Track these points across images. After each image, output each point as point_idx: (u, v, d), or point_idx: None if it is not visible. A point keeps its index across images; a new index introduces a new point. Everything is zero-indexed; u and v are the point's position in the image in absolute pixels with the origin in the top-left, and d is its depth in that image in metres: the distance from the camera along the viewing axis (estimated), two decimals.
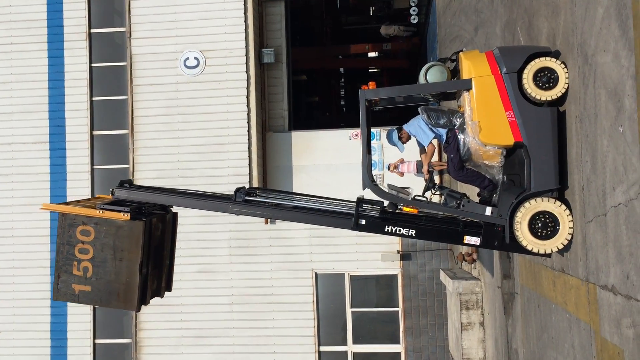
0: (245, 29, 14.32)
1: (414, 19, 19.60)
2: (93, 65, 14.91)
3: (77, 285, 6.87)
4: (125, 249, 6.77)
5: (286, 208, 7.04)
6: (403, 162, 13.27)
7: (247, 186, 7.33)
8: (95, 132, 14.90)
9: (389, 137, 7.55)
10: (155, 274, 7.23)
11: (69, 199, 14.78)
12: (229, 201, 7.11)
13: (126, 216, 6.73)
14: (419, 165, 13.30)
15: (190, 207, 7.43)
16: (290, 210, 7.02)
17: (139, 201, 7.07)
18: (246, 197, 7.02)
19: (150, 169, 14.60)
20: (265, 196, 7.20)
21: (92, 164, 14.83)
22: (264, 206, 7.07)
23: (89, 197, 7.58)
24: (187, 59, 14.53)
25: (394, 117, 17.44)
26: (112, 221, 6.76)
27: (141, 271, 6.80)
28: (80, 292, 6.90)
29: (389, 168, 13.60)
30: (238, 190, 7.09)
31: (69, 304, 14.68)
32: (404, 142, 7.50)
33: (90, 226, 6.80)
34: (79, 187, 14.76)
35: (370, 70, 28.73)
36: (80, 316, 14.71)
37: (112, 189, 7.17)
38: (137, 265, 6.76)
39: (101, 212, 6.79)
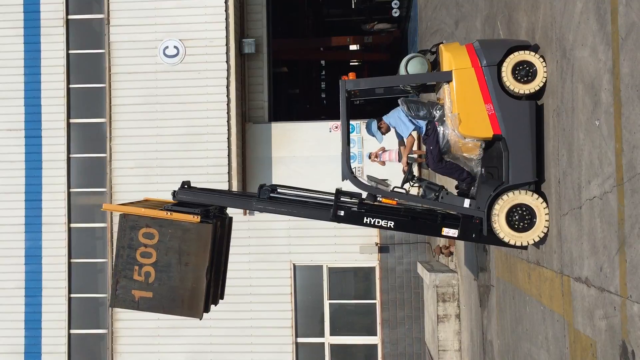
0: (225, 19, 14.20)
1: (396, 12, 19.61)
2: (70, 52, 14.68)
3: (138, 291, 6.47)
4: (192, 253, 6.39)
5: (309, 205, 6.88)
6: (384, 150, 12.98)
7: (267, 183, 7.17)
8: (72, 120, 14.69)
9: (368, 127, 7.55)
10: (215, 279, 6.88)
11: (44, 188, 14.58)
12: (252, 198, 6.91)
13: (196, 218, 6.38)
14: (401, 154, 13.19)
15: (235, 207, 7.13)
16: (311, 206, 6.87)
17: (202, 204, 6.74)
18: (271, 195, 6.86)
19: (128, 159, 14.44)
20: (285, 193, 7.02)
21: (69, 152, 14.63)
22: (288, 203, 6.91)
23: (137, 200, 7.24)
24: (167, 47, 14.37)
25: (374, 110, 17.45)
26: (178, 224, 6.39)
27: (208, 277, 6.47)
28: (141, 299, 6.49)
29: (369, 157, 13.26)
30: (262, 187, 6.92)
31: (43, 293, 14.50)
32: (383, 133, 7.51)
33: (154, 229, 6.40)
34: (54, 175, 14.55)
35: (351, 63, 28.72)
36: (55, 306, 14.54)
37: (174, 191, 6.82)
38: (204, 270, 6.40)
39: (169, 213, 6.43)
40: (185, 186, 6.96)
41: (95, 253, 14.77)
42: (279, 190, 7.02)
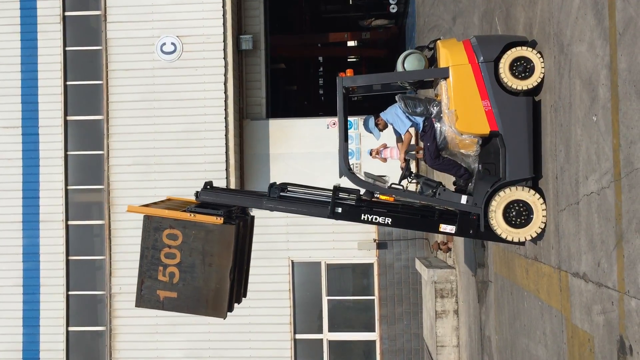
0: (223, 15, 14.17)
1: (393, 8, 19.58)
2: (67, 48, 14.63)
3: (162, 291, 6.53)
4: (216, 253, 6.44)
5: (319, 203, 6.86)
6: (386, 147, 12.69)
7: (277, 182, 7.14)
8: (69, 117, 14.66)
9: (366, 124, 7.54)
10: (238, 279, 6.91)
11: (42, 185, 14.56)
12: (262, 197, 6.88)
13: (219, 220, 6.42)
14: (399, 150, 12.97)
15: (246, 206, 7.10)
16: (321, 205, 6.86)
17: (225, 204, 6.75)
18: (281, 193, 6.85)
19: (126, 156, 14.42)
20: (295, 191, 6.98)
21: (66, 149, 14.60)
22: (298, 202, 6.89)
23: (161, 199, 7.23)
24: (164, 44, 14.34)
25: (372, 106, 17.43)
26: (202, 225, 6.42)
27: (231, 277, 6.51)
28: (166, 299, 6.55)
29: (370, 154, 12.99)
30: (272, 186, 6.91)
31: (41, 291, 14.49)
32: (380, 130, 7.49)
33: (178, 230, 6.45)
34: (52, 172, 14.53)
35: (349, 59, 28.69)
36: (53, 303, 14.53)
37: (197, 192, 6.85)
38: (228, 270, 6.45)
39: (192, 215, 6.46)
40: (208, 187, 6.93)
41: (93, 250, 14.76)
42: (289, 188, 7.00)
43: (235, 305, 6.97)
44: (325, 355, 14.64)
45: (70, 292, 14.59)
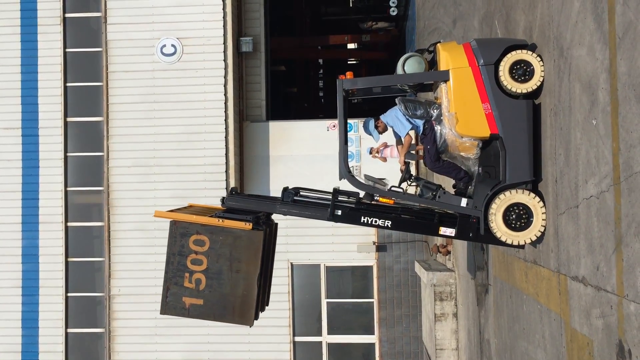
0: (223, 17, 14.18)
1: (393, 11, 19.60)
2: (67, 50, 14.64)
3: (188, 298, 6.43)
4: (243, 260, 6.37)
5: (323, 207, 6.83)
6: (386, 146, 12.48)
7: (289, 186, 7.12)
8: (69, 119, 14.66)
9: (365, 126, 7.53)
10: (263, 286, 6.83)
11: (41, 186, 14.56)
12: (275, 201, 6.85)
13: (248, 225, 6.35)
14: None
15: (262, 210, 7.01)
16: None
17: (248, 210, 6.71)
18: (294, 198, 6.82)
19: (126, 157, 14.42)
20: (307, 196, 6.96)
21: (66, 151, 14.60)
22: (312, 206, 6.86)
23: (184, 206, 7.21)
24: (164, 46, 14.35)
25: (372, 109, 17.45)
26: (230, 230, 6.36)
27: (259, 284, 6.44)
28: (192, 306, 6.46)
29: (370, 153, 12.76)
30: (285, 190, 6.88)
31: (40, 292, 14.48)
32: (380, 133, 7.49)
33: (205, 236, 6.36)
34: (51, 174, 14.53)
35: (349, 62, 28.71)
36: (52, 305, 14.52)
37: (223, 197, 6.80)
38: (255, 277, 6.38)
39: (221, 220, 6.40)
40: (233, 192, 6.91)
41: (92, 252, 14.75)
42: (301, 193, 6.99)
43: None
44: (324, 358, 14.63)
45: (69, 294, 14.58)
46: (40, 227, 14.53)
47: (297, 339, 14.63)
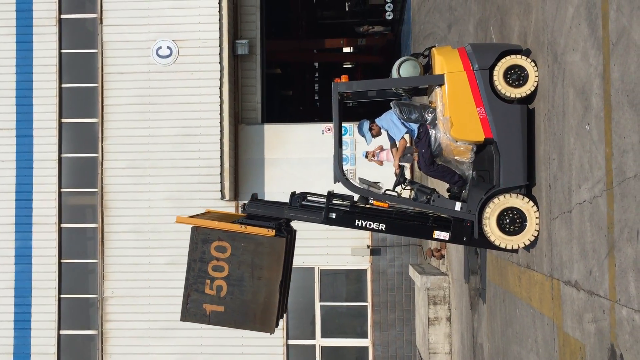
0: (219, 20, 14.19)
1: (389, 15, 19.66)
2: (63, 51, 14.62)
3: (209, 305, 6.39)
4: (265, 266, 6.32)
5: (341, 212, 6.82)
6: (382, 149, 12.09)
7: (297, 191, 7.12)
8: (63, 120, 14.63)
9: (360, 127, 7.54)
10: (283, 293, 6.79)
11: (35, 187, 14.51)
12: (284, 206, 6.82)
13: (271, 232, 6.32)
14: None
15: (270, 215, 6.95)
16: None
17: (272, 217, 6.67)
18: (302, 203, 6.81)
19: (120, 159, 14.40)
20: (314, 200, 6.94)
21: (60, 152, 14.56)
22: (319, 211, 6.84)
23: (201, 212, 7.18)
24: (160, 48, 14.34)
25: (367, 112, 17.47)
26: (251, 237, 6.32)
27: (280, 290, 6.40)
28: (212, 313, 6.41)
29: (366, 156, 12.36)
30: (293, 195, 6.87)
31: (33, 294, 14.42)
32: (373, 136, 7.50)
33: (227, 242, 6.32)
34: (45, 175, 14.48)
35: (344, 65, 28.76)
36: (44, 307, 14.46)
37: (244, 204, 6.77)
38: (277, 284, 6.33)
39: (243, 227, 6.35)
40: (255, 198, 6.89)
41: (86, 253, 14.70)
42: (308, 197, 6.98)
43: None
44: None
45: (62, 295, 14.52)
46: (34, 228, 14.48)
47: (291, 342, 14.61)
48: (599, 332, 4.85)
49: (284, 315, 7.09)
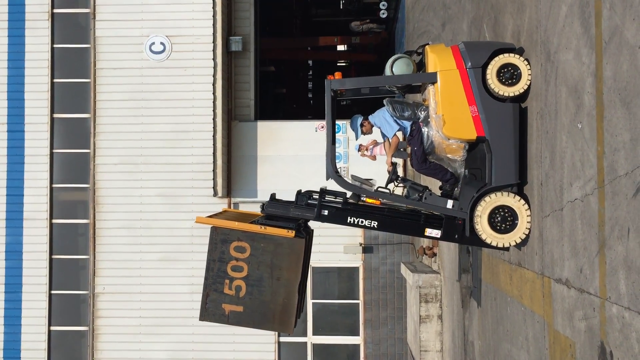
0: (213, 16, 14.15)
1: (383, 13, 19.65)
2: (55, 46, 14.54)
3: (228, 305, 6.41)
4: (284, 267, 6.35)
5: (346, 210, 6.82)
6: (376, 144, 11.42)
7: (303, 189, 7.10)
8: (55, 115, 14.55)
9: (353, 122, 7.52)
10: (301, 293, 6.81)
11: (26, 183, 14.43)
12: (290, 205, 6.79)
13: (291, 233, 6.33)
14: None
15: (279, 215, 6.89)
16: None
17: (290, 217, 6.66)
18: (308, 201, 6.80)
19: (112, 155, 14.34)
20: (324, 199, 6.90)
21: (52, 147, 14.49)
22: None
23: (217, 211, 7.17)
24: (153, 43, 14.29)
25: (360, 110, 17.44)
26: (271, 238, 6.33)
27: (300, 291, 6.42)
28: (231, 313, 6.43)
29: (359, 150, 11.75)
30: (299, 193, 6.85)
31: (23, 289, 14.35)
32: (363, 133, 7.49)
33: (246, 242, 6.33)
34: (37, 170, 14.41)
35: (338, 64, 28.74)
36: (35, 302, 14.39)
37: (263, 204, 6.74)
38: (296, 284, 6.36)
39: (263, 227, 6.36)
40: (273, 199, 6.86)
41: (77, 249, 14.64)
42: (313, 196, 6.98)
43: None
44: (309, 359, 14.62)
45: (53, 291, 14.46)
46: (25, 224, 14.41)
47: (282, 339, 14.61)
48: (589, 329, 4.87)
49: (301, 315, 7.08)
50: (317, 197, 6.96)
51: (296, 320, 6.65)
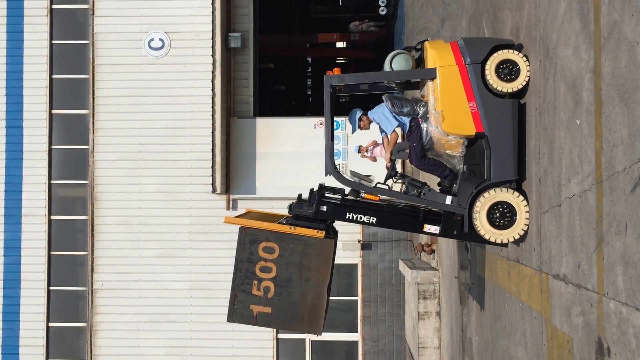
0: (212, 12, 14.13)
1: (383, 10, 19.64)
2: (54, 42, 14.52)
3: (256, 306, 6.35)
4: (313, 268, 6.31)
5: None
6: (376, 145, 11.54)
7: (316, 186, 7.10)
8: (54, 111, 14.54)
9: (351, 114, 7.51)
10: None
11: (25, 179, 14.42)
12: (303, 203, 6.78)
13: (321, 234, 6.29)
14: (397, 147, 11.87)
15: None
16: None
17: (317, 218, 6.63)
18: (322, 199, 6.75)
19: (111, 151, 14.33)
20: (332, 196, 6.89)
21: (50, 143, 14.48)
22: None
23: (243, 212, 7.14)
24: (152, 40, 14.27)
25: (359, 107, 17.43)
26: (300, 238, 6.30)
27: (329, 292, 6.37)
28: (259, 314, 6.36)
29: (359, 151, 11.83)
30: (312, 191, 6.84)
31: (22, 285, 14.35)
32: (360, 128, 7.48)
33: (275, 243, 6.29)
34: (35, 166, 14.40)
35: (338, 61, 28.73)
36: (33, 299, 14.39)
37: (290, 204, 6.71)
38: (326, 285, 6.31)
39: (292, 228, 6.33)
40: (300, 199, 6.85)
41: (75, 246, 14.63)
42: (326, 194, 6.97)
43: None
44: (307, 355, 14.64)
45: (51, 288, 14.46)
46: (23, 220, 14.40)
47: (281, 335, 14.62)
48: (586, 325, 4.88)
49: (326, 315, 7.07)
50: (317, 193, 6.95)
51: (324, 320, 6.61)
